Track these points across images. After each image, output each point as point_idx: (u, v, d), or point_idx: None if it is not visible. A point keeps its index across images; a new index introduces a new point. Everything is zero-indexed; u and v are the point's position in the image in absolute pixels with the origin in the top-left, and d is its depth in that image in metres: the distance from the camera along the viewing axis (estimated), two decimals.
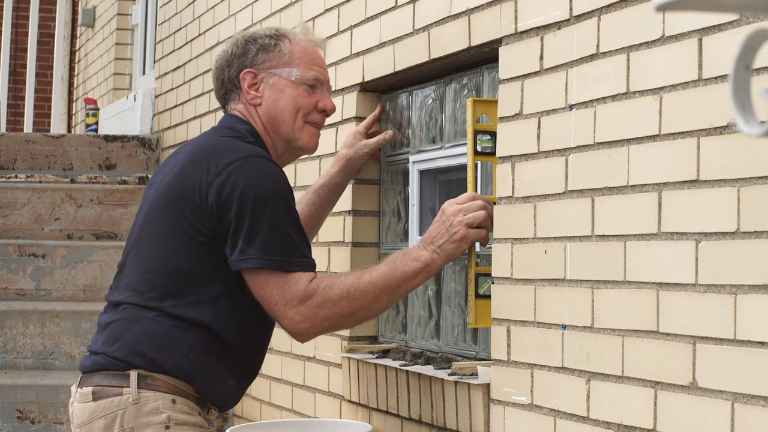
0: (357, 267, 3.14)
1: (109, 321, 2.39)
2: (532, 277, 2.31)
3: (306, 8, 3.51)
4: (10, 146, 5.34)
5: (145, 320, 2.34)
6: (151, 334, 2.33)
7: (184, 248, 2.34)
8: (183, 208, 2.35)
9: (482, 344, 2.66)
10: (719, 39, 1.86)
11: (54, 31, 7.44)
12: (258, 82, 2.55)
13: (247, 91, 2.54)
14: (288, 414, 3.51)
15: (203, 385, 2.36)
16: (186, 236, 2.34)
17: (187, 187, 2.35)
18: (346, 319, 2.35)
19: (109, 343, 2.36)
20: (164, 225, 2.37)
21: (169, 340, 2.32)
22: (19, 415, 4.05)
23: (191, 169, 2.38)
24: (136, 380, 2.29)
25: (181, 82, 5.01)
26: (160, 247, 2.37)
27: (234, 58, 2.58)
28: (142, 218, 2.46)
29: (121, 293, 2.40)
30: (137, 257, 2.41)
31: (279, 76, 2.55)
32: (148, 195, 2.50)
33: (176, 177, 2.40)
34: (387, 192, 3.16)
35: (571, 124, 2.21)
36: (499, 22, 2.45)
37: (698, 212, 1.88)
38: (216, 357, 2.37)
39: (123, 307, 2.38)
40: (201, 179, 2.34)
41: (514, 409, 2.35)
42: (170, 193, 2.38)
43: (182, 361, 2.31)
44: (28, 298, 4.66)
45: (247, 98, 2.55)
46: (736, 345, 1.79)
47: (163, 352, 2.31)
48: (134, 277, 2.39)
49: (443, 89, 2.86)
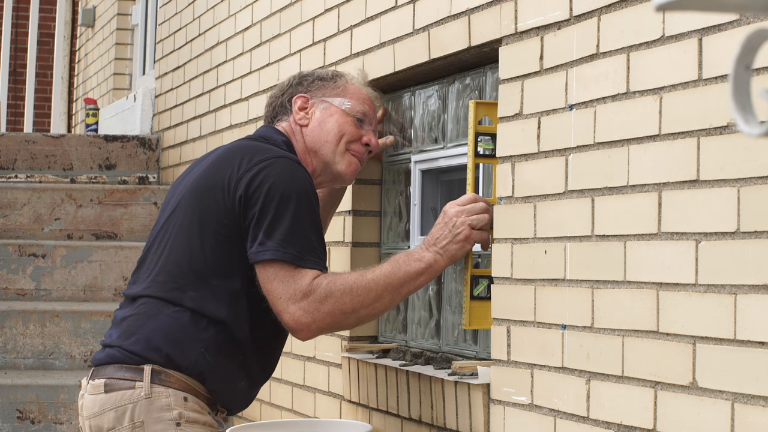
0: (357, 267, 3.14)
1: (126, 315, 2.41)
2: (532, 277, 2.31)
3: (306, 8, 3.51)
4: (10, 146, 5.34)
5: (163, 315, 2.35)
6: (168, 330, 2.34)
7: (208, 241, 2.36)
8: (210, 202, 2.37)
9: (482, 344, 2.66)
10: (719, 39, 1.86)
11: (54, 31, 7.44)
12: (309, 105, 2.61)
13: (297, 112, 2.60)
14: (288, 414, 3.51)
15: (215, 385, 2.37)
16: (211, 229, 2.36)
17: (217, 180, 2.38)
18: (348, 316, 2.34)
19: (125, 336, 2.37)
20: (191, 218, 2.39)
21: (186, 337, 2.33)
22: (19, 415, 4.05)
23: (222, 164, 2.41)
24: (149, 375, 2.30)
25: (181, 82, 5.01)
26: (184, 239, 2.39)
27: (289, 88, 2.66)
28: (167, 214, 2.48)
29: (140, 286, 2.42)
30: (160, 249, 2.43)
31: (330, 103, 2.61)
32: (172, 195, 2.52)
33: (206, 172, 2.43)
34: (388, 192, 3.16)
35: (571, 124, 2.21)
36: (499, 22, 2.45)
37: (698, 212, 1.88)
38: (229, 357, 2.38)
39: (142, 300, 2.39)
40: (231, 173, 2.37)
41: (514, 409, 2.35)
42: (199, 187, 2.41)
43: (197, 359, 2.33)
44: (28, 298, 4.66)
45: (296, 118, 2.60)
46: (736, 345, 1.79)
47: (179, 349, 2.32)
48: (156, 268, 2.41)
49: (446, 89, 2.86)
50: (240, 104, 4.10)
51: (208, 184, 2.39)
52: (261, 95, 3.88)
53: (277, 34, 3.75)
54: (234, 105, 4.17)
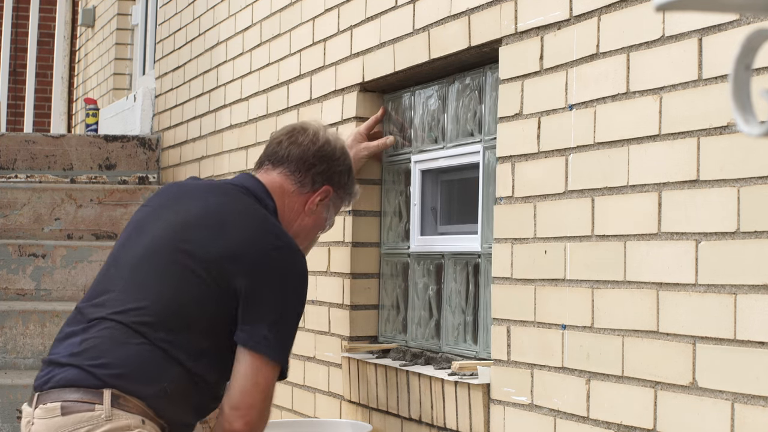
0: (357, 267, 3.14)
1: (88, 337, 2.37)
2: (532, 277, 2.31)
3: (306, 8, 3.51)
4: (10, 146, 5.34)
5: (131, 345, 2.34)
6: (136, 360, 2.33)
7: (196, 292, 2.37)
8: (212, 267, 2.37)
9: (482, 344, 2.66)
10: (719, 39, 1.86)
11: (54, 31, 7.44)
12: (324, 202, 2.65)
13: (313, 202, 2.63)
14: (288, 414, 3.51)
15: (168, 417, 2.38)
16: (202, 283, 2.37)
17: (226, 250, 2.38)
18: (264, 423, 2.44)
19: (87, 357, 2.33)
20: (180, 264, 2.39)
21: (152, 371, 2.34)
22: (19, 415, 4.04)
23: (232, 234, 2.41)
24: (110, 399, 2.29)
25: (181, 82, 5.01)
26: (169, 280, 2.38)
27: (323, 161, 2.64)
28: (146, 240, 2.45)
29: (108, 310, 2.38)
30: (138, 279, 2.41)
31: (329, 211, 2.68)
32: (154, 218, 2.50)
33: (212, 232, 2.41)
34: (388, 192, 3.15)
35: (571, 124, 2.21)
36: (499, 22, 2.45)
37: (698, 212, 1.88)
38: (186, 397, 2.39)
39: (107, 324, 2.37)
40: (245, 251, 2.39)
41: (514, 409, 2.35)
42: (199, 244, 2.40)
43: (158, 392, 2.34)
44: (28, 298, 4.66)
45: (309, 204, 2.62)
46: (736, 345, 1.79)
47: (144, 380, 2.33)
48: (130, 297, 2.39)
49: (446, 89, 2.86)
50: (240, 104, 4.10)
51: (213, 249, 2.39)
52: (261, 95, 3.88)
53: (277, 34, 3.75)
54: (234, 105, 4.17)
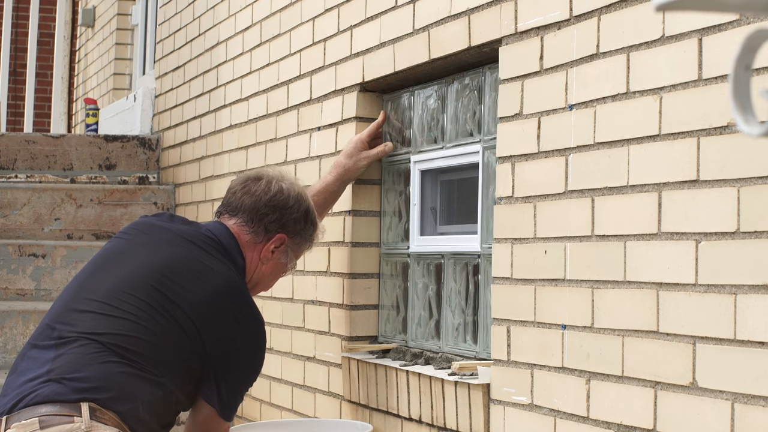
0: (357, 267, 3.14)
1: (62, 353, 2.41)
2: (532, 277, 2.31)
3: (306, 8, 3.51)
4: (10, 146, 5.34)
5: (111, 363, 2.40)
6: (116, 375, 2.39)
7: (169, 333, 2.47)
8: (185, 320, 2.48)
9: (482, 344, 2.66)
10: (719, 39, 1.86)
11: (54, 31, 7.44)
12: (280, 249, 2.73)
13: (268, 249, 2.72)
14: (288, 414, 3.51)
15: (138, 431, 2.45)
16: (179, 329, 2.47)
17: (194, 308, 2.49)
18: None
19: (65, 370, 2.37)
20: (157, 307, 2.48)
21: (130, 388, 2.40)
22: None
23: (203, 295, 2.51)
24: (88, 412, 2.32)
25: (181, 82, 5.01)
26: (150, 326, 2.46)
27: (275, 210, 2.71)
28: (126, 273, 2.53)
29: (81, 328, 2.44)
30: (113, 310, 2.47)
31: (287, 258, 2.75)
32: (135, 252, 2.60)
33: (190, 287, 2.51)
34: (388, 192, 3.16)
35: (571, 124, 2.21)
36: (499, 22, 2.45)
37: (698, 212, 1.88)
38: (159, 415, 2.47)
39: (83, 342, 2.42)
40: (216, 322, 2.50)
41: (514, 409, 2.35)
42: (177, 294, 2.50)
43: (133, 408, 2.39)
44: (28, 298, 4.66)
45: (263, 252, 2.71)
46: (736, 345, 1.79)
47: (122, 396, 2.39)
48: (105, 324, 2.45)
49: (445, 89, 2.86)
50: (240, 104, 4.10)
51: (185, 301, 2.48)
52: (261, 95, 3.88)
53: (277, 34, 3.75)
54: (234, 105, 4.17)
